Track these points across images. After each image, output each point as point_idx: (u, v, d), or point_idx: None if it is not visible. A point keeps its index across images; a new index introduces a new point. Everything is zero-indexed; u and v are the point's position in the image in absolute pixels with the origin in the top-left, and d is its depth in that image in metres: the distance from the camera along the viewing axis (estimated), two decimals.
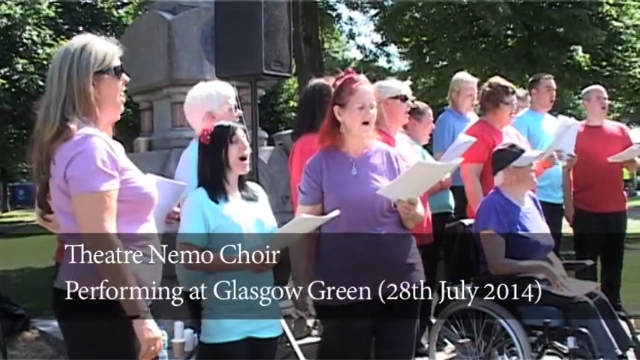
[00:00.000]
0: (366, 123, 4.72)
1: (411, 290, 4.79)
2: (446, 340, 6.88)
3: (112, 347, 3.50)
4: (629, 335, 5.67)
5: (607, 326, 5.38)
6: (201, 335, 4.62)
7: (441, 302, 6.23)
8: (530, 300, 5.57)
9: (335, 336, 4.86)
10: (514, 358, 5.66)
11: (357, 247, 4.65)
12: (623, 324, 5.71)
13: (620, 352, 5.33)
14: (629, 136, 8.76)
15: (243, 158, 4.59)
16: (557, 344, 5.53)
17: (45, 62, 22.06)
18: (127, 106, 3.79)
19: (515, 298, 5.62)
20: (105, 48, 3.65)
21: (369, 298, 4.65)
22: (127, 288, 3.43)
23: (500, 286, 5.70)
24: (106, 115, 3.68)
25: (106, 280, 3.42)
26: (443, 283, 6.24)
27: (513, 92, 7.18)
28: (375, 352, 4.92)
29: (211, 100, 5.38)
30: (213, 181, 4.55)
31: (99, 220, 3.41)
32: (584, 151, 8.08)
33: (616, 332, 5.45)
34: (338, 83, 4.81)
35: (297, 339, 6.11)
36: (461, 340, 5.96)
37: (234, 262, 4.41)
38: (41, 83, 20.22)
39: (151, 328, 3.49)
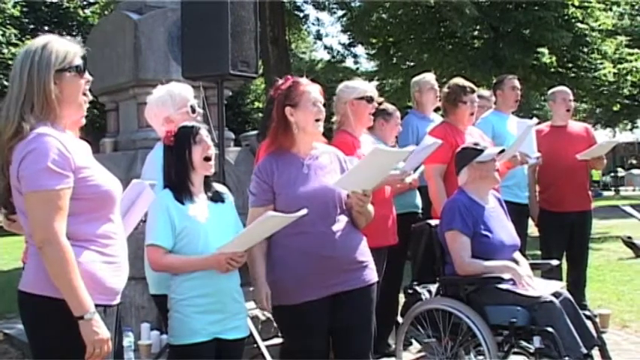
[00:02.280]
0: (318, 120, 4.79)
1: (364, 288, 4.82)
2: (413, 340, 6.91)
3: (76, 349, 3.47)
4: (594, 334, 5.70)
5: (572, 325, 5.40)
6: (169, 337, 4.62)
7: (407, 302, 6.23)
8: (496, 300, 5.61)
9: (292, 336, 4.88)
10: (481, 357, 5.69)
11: (307, 246, 4.67)
12: (589, 323, 5.75)
13: (585, 351, 5.36)
14: (594, 136, 8.85)
15: (207, 159, 4.59)
16: (524, 343, 5.56)
17: (10, 62, 21.91)
18: (93, 106, 3.77)
19: (481, 297, 5.66)
20: (66, 47, 3.64)
21: (321, 296, 4.68)
22: (71, 288, 3.41)
23: (466, 286, 5.73)
24: (68, 114, 3.65)
25: (54, 280, 3.41)
26: (409, 283, 6.24)
27: (472, 91, 7.20)
28: (333, 352, 4.94)
29: (166, 105, 5.35)
30: (178, 182, 4.54)
31: (47, 219, 3.39)
32: (549, 151, 8.15)
33: (581, 331, 5.48)
34: (284, 87, 4.87)
35: (264, 340, 6.11)
36: (427, 340, 5.97)
37: (200, 262, 4.41)
38: (6, 83, 20.10)
39: (97, 330, 3.46)
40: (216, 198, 4.68)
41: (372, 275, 4.93)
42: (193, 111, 5.43)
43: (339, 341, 4.90)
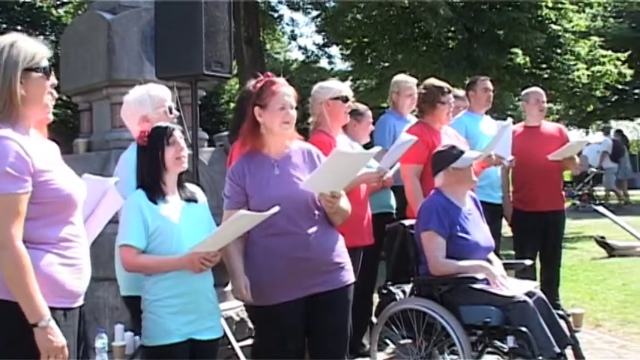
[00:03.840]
0: (286, 122, 4.76)
1: (340, 289, 4.82)
2: (387, 341, 6.92)
3: (31, 354, 3.44)
4: (567, 333, 5.73)
5: (546, 325, 5.43)
6: (142, 338, 4.60)
7: (381, 302, 6.23)
8: (470, 300, 5.62)
9: (266, 336, 4.87)
10: (455, 357, 5.70)
11: (282, 248, 4.68)
12: (562, 322, 5.77)
13: (558, 350, 5.39)
14: (567, 136, 8.91)
15: (179, 159, 4.57)
16: (497, 343, 5.58)
17: None
18: (67, 107, 3.75)
19: (455, 297, 5.67)
20: (34, 47, 3.61)
21: (296, 297, 4.69)
22: (26, 294, 3.38)
23: (439, 286, 5.74)
24: (33, 114, 3.62)
25: (9, 285, 3.38)
26: (383, 283, 6.25)
27: (449, 91, 7.24)
28: (308, 352, 4.93)
29: (144, 104, 5.34)
30: (151, 182, 4.53)
31: (3, 224, 3.36)
32: (523, 151, 8.19)
33: (554, 331, 5.51)
34: (258, 85, 4.85)
35: (238, 340, 6.11)
36: (402, 341, 5.99)
37: (173, 262, 4.40)
38: None
39: (52, 338, 3.43)
40: (189, 198, 4.67)
41: (348, 276, 4.93)
42: (171, 112, 5.42)
43: (315, 342, 4.90)
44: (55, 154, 3.75)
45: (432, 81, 7.44)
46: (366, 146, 7.60)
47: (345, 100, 6.43)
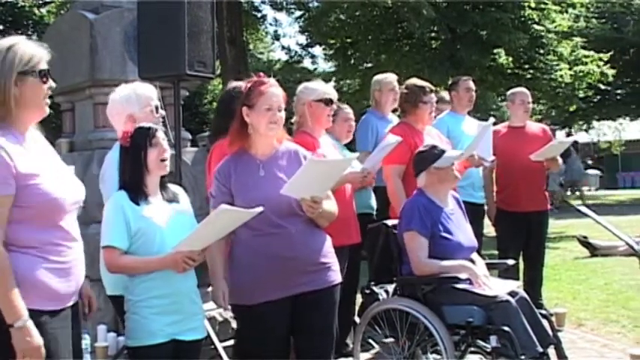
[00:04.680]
0: (273, 123, 4.75)
1: (326, 289, 4.82)
2: (370, 341, 6.92)
3: (7, 354, 3.44)
4: (550, 333, 5.74)
5: (528, 324, 5.45)
6: (126, 339, 4.59)
7: (364, 302, 6.24)
8: (453, 299, 5.63)
9: (250, 336, 4.87)
10: (438, 357, 5.71)
11: (267, 247, 4.67)
12: (544, 322, 5.79)
13: (541, 350, 5.41)
14: (551, 137, 8.93)
15: (162, 160, 4.56)
16: (480, 343, 5.59)
17: None
18: (50, 107, 3.73)
19: (438, 297, 5.68)
20: (31, 50, 3.61)
21: (280, 297, 4.68)
22: (2, 295, 3.38)
23: (422, 286, 5.75)
24: (28, 117, 3.64)
25: None
26: (366, 283, 6.25)
27: (431, 91, 7.26)
28: (294, 352, 4.93)
29: (131, 102, 5.34)
30: (133, 183, 4.52)
31: None
32: (506, 151, 8.21)
33: (537, 330, 5.53)
34: (248, 85, 4.84)
35: (221, 341, 6.10)
36: (385, 340, 5.99)
37: (156, 263, 4.39)
38: None
39: (28, 339, 3.43)
40: (172, 199, 4.66)
41: (335, 276, 4.92)
42: (157, 111, 5.42)
43: (301, 342, 4.90)
44: (46, 156, 3.75)
45: (414, 81, 7.45)
46: (349, 146, 7.62)
47: (329, 102, 6.43)
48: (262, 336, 4.75)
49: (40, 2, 30.27)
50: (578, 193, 28.46)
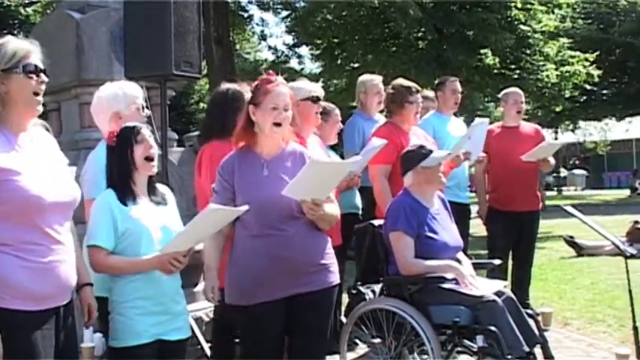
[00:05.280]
0: (277, 124, 4.72)
1: (323, 290, 4.80)
2: (357, 341, 6.93)
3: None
4: (536, 332, 5.76)
5: (515, 324, 5.46)
6: (110, 339, 4.55)
7: (351, 302, 6.24)
8: (439, 299, 5.64)
9: (246, 336, 4.86)
10: (424, 356, 5.71)
11: (266, 249, 4.64)
12: (531, 321, 5.80)
13: (527, 349, 5.42)
14: (544, 137, 8.96)
15: (149, 159, 4.53)
16: (467, 342, 5.59)
17: None
18: None
19: (424, 297, 5.68)
20: (15, 46, 3.60)
21: (277, 298, 4.67)
22: None
23: (409, 285, 5.75)
24: (18, 114, 3.62)
25: None
26: (353, 283, 6.25)
27: (417, 91, 7.28)
28: (287, 352, 4.92)
29: (117, 100, 5.31)
30: (120, 182, 4.49)
31: None
32: (499, 151, 8.26)
33: (523, 330, 5.54)
34: (255, 84, 4.82)
35: (207, 341, 6.08)
36: (371, 340, 5.99)
37: (143, 264, 4.37)
38: None
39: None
40: (159, 200, 4.64)
41: (333, 278, 4.89)
42: (143, 109, 5.40)
43: (297, 342, 4.87)
44: (47, 157, 3.73)
45: (400, 81, 7.46)
46: (334, 147, 7.62)
47: (316, 100, 6.41)
48: (259, 336, 4.74)
49: (26, 2, 30.16)
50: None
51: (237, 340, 5.43)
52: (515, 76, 19.98)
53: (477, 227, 8.95)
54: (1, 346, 3.42)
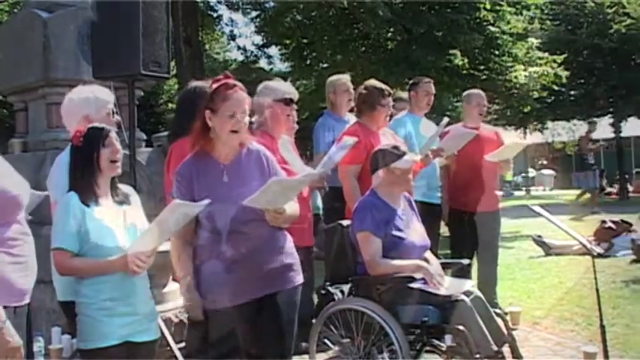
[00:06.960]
0: (235, 131, 4.69)
1: (288, 290, 4.81)
2: (326, 341, 6.92)
3: None
4: (505, 331, 5.79)
5: (483, 323, 5.49)
6: (78, 341, 4.52)
7: (320, 303, 6.24)
8: (407, 299, 5.65)
9: (214, 338, 4.85)
10: (393, 356, 5.72)
11: (230, 252, 4.65)
12: (499, 320, 5.83)
13: (495, 348, 5.45)
14: (503, 140, 9.00)
15: (114, 161, 4.51)
16: (435, 342, 5.61)
17: None
18: (2, 106, 3.70)
19: (393, 297, 5.69)
20: None
21: (242, 301, 4.67)
22: None
23: (377, 285, 5.76)
24: None
25: None
26: (322, 283, 6.25)
27: (389, 94, 7.28)
28: (254, 352, 4.91)
29: (89, 103, 5.29)
30: (83, 184, 4.45)
31: None
32: (460, 151, 8.26)
33: (492, 329, 5.57)
34: (214, 86, 4.75)
35: (177, 342, 6.07)
36: (341, 340, 5.99)
37: (107, 265, 4.33)
38: None
39: (9, 339, 3.40)
40: (122, 200, 4.61)
41: (296, 277, 4.92)
42: (113, 115, 5.38)
43: (263, 342, 4.87)
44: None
45: (374, 82, 7.47)
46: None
47: (289, 102, 6.41)
48: (225, 339, 4.74)
49: None
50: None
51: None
52: (484, 77, 20.02)
53: (447, 227, 8.98)
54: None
